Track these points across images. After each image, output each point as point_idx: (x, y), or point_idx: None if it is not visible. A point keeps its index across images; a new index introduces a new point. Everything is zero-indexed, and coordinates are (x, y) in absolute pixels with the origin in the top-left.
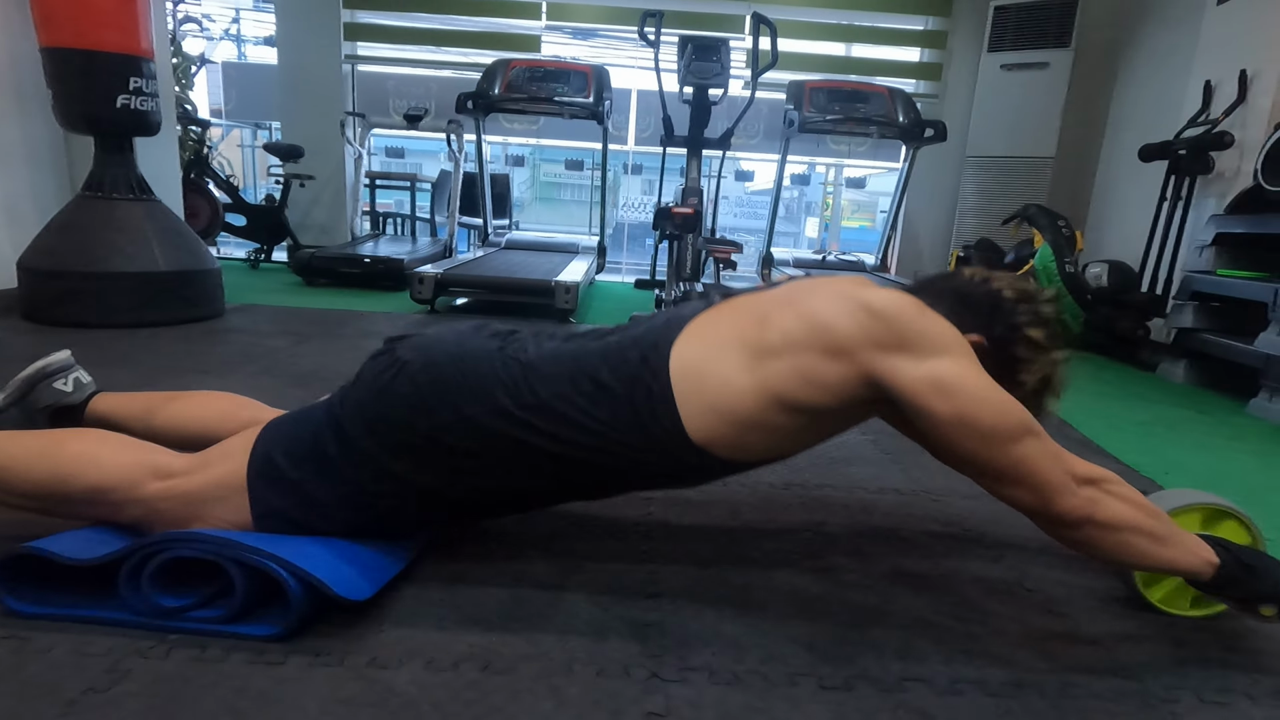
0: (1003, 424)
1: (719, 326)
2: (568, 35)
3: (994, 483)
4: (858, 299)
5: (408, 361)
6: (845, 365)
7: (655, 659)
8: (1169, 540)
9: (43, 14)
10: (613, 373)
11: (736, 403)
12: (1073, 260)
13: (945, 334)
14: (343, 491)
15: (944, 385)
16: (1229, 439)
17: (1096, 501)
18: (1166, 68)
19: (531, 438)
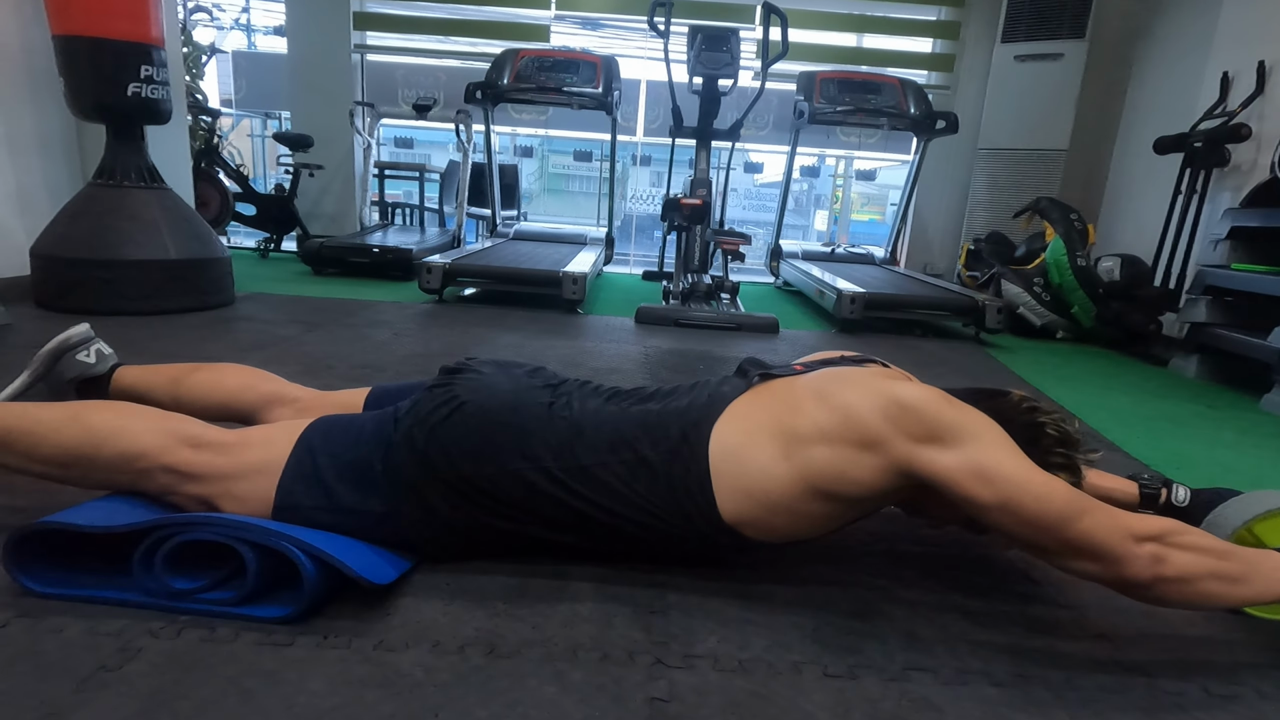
0: (1049, 507)
1: (756, 412)
2: (577, 25)
3: (1055, 559)
4: (887, 393)
5: (465, 403)
6: (878, 458)
7: (660, 645)
8: (1245, 578)
9: (55, 2)
10: (653, 447)
11: (772, 488)
12: (1085, 253)
13: (977, 421)
14: (375, 509)
15: (984, 472)
16: (1241, 435)
17: (1162, 559)
18: (1183, 59)
19: (570, 499)
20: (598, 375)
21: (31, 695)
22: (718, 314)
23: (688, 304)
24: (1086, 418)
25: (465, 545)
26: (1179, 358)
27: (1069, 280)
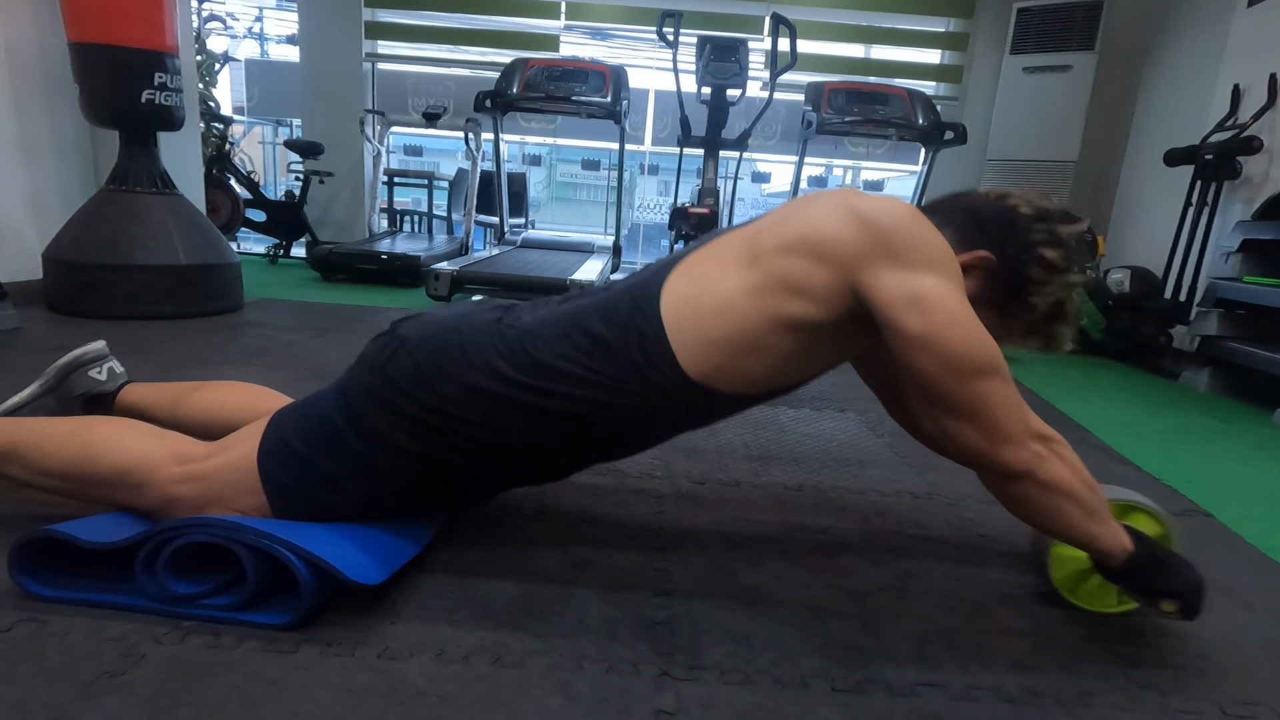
0: (970, 354)
1: (710, 257)
2: (586, 35)
3: (946, 415)
4: (852, 206)
5: (407, 338)
6: (833, 272)
7: (666, 657)
8: (1098, 516)
9: (72, 10)
10: (606, 324)
11: (730, 327)
12: (1094, 266)
13: (936, 250)
14: (354, 467)
15: (920, 300)
16: (1253, 449)
17: (1043, 459)
18: (1193, 71)
19: (533, 399)
20: None
21: (35, 700)
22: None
23: None
24: (1097, 430)
25: (450, 485)
26: (1190, 371)
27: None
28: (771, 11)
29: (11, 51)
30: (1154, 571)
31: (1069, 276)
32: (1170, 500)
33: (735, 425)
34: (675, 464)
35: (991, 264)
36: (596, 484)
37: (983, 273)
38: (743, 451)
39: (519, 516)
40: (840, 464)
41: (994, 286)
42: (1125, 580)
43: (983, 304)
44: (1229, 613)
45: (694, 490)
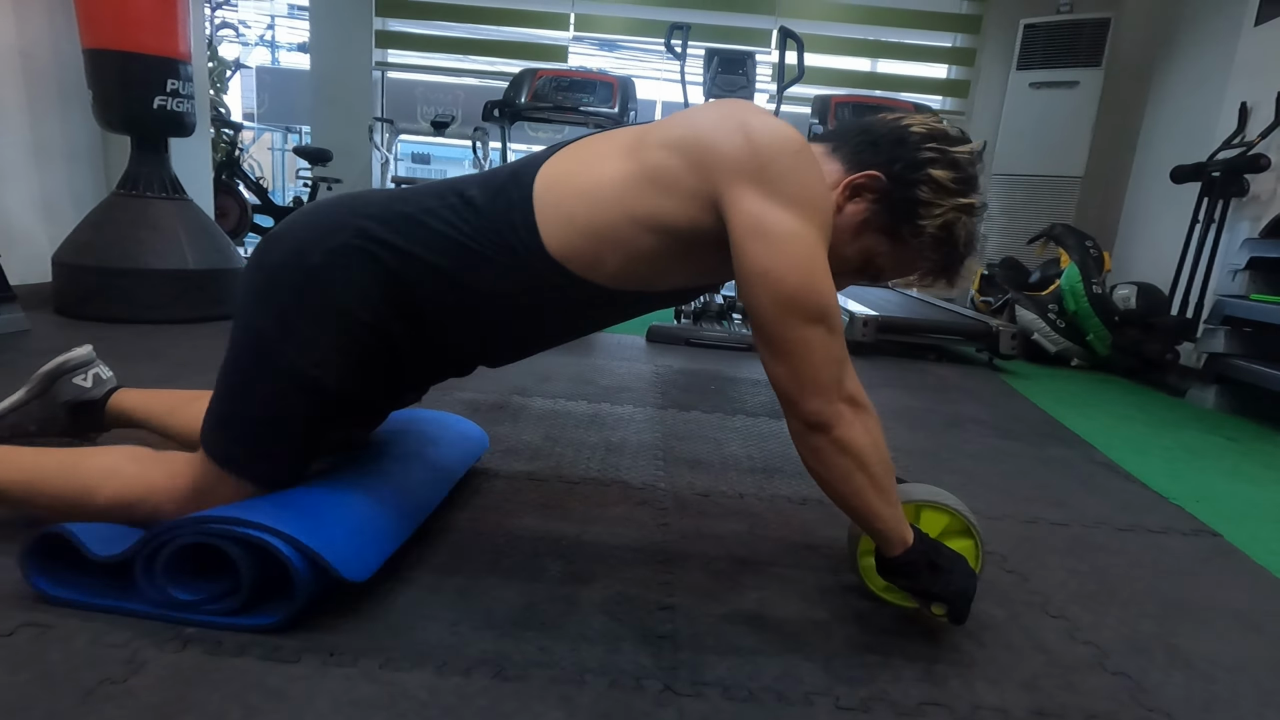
0: (804, 296)
1: (597, 141)
2: (594, 46)
3: (765, 349)
4: (743, 120)
5: (280, 228)
6: (701, 179)
7: (669, 672)
8: (886, 496)
9: (86, 17)
10: (481, 188)
11: (594, 212)
12: (1100, 281)
13: (809, 189)
14: (261, 391)
15: (769, 231)
16: (1261, 468)
17: (844, 419)
18: (1200, 88)
19: (396, 260)
20: (608, 394)
21: (35, 707)
22: (729, 334)
23: (699, 323)
24: (1103, 447)
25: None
26: (1197, 388)
27: (1084, 307)
28: (779, 25)
29: (26, 57)
30: (924, 572)
31: (959, 199)
32: (1177, 519)
33: (739, 438)
34: (679, 476)
35: (880, 183)
36: (601, 496)
37: (872, 194)
38: (747, 464)
39: (522, 526)
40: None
41: (884, 209)
42: (897, 577)
43: (874, 228)
44: (1239, 634)
45: (698, 502)
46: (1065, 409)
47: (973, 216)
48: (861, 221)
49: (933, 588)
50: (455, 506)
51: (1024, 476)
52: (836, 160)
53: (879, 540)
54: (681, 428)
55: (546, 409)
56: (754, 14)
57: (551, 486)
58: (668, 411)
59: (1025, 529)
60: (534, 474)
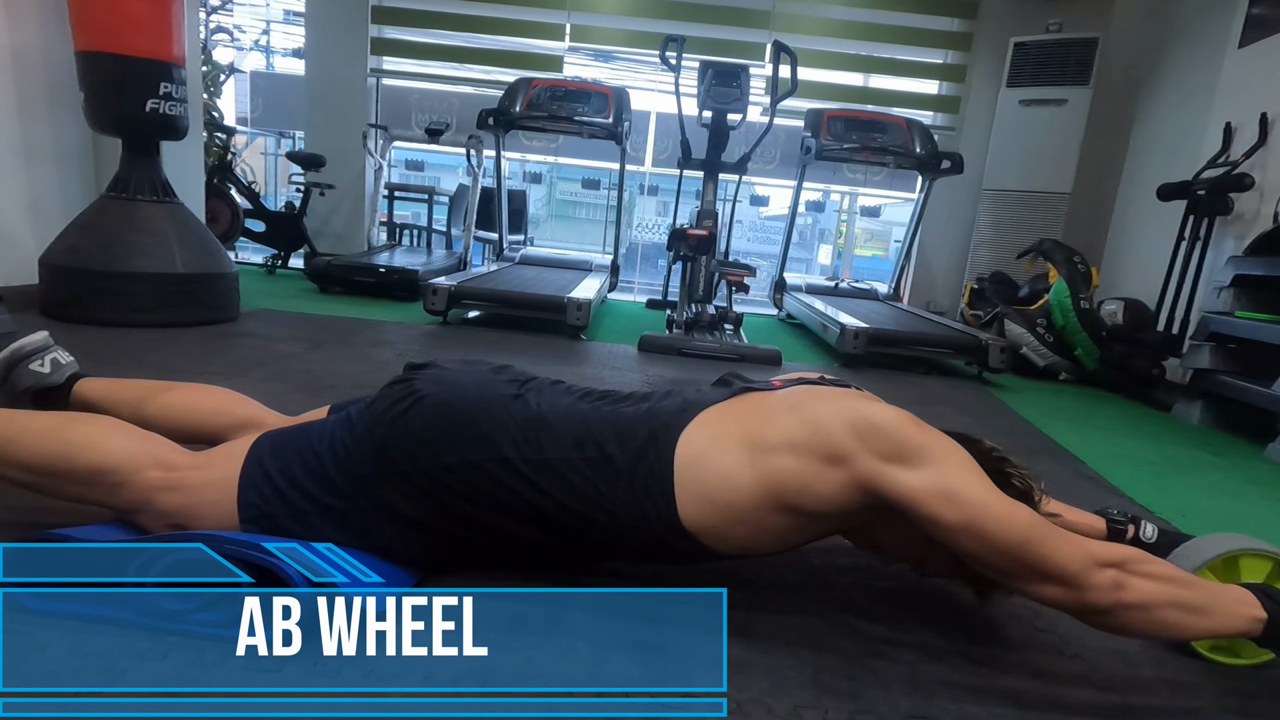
0: (1012, 531)
1: (727, 420)
2: (590, 57)
3: (1019, 581)
4: (858, 410)
5: (424, 396)
6: (843, 473)
7: (657, 683)
8: (1206, 609)
9: (80, 18)
10: (620, 446)
11: (734, 497)
12: (1088, 296)
13: (943, 444)
14: (331, 510)
15: (949, 492)
16: (1245, 483)
17: (1123, 585)
18: (1186, 108)
19: (530, 494)
20: None
21: (13, 716)
22: (721, 345)
23: (691, 334)
24: (1090, 461)
25: (419, 548)
26: (1182, 403)
27: (1072, 322)
28: (773, 39)
29: (18, 57)
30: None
31: None
32: None
33: None
34: None
35: None
36: None
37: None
38: None
39: None
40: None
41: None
42: (1269, 644)
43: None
44: None
45: None
46: (1053, 422)
47: None
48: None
49: None
50: None
51: None
52: None
53: (1236, 634)
54: None
55: None
56: (748, 28)
57: None
58: None
59: None
60: None
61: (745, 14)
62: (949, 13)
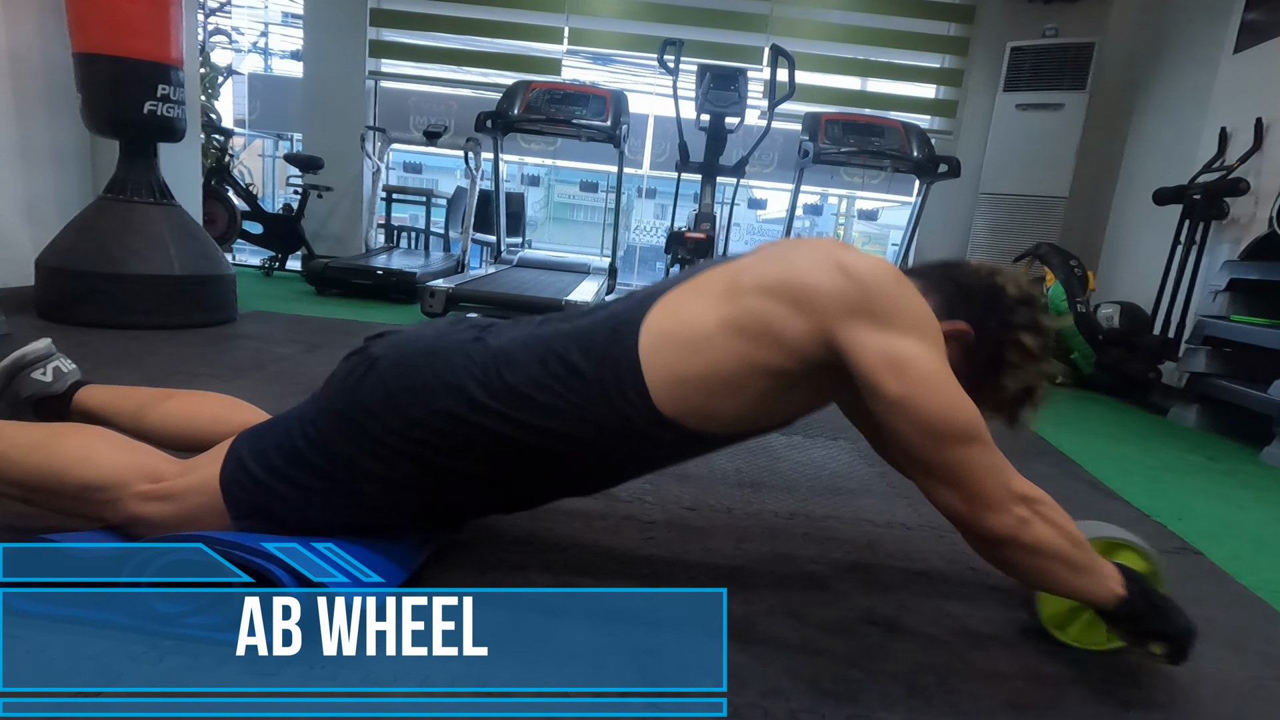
0: (949, 420)
1: (691, 292)
2: (588, 60)
3: (927, 480)
4: (837, 259)
5: (379, 358)
6: (809, 322)
7: (654, 687)
8: (1086, 570)
9: (78, 20)
10: (583, 353)
11: (703, 364)
12: (1084, 300)
13: (919, 313)
14: (316, 490)
15: (900, 363)
16: (1240, 487)
17: (1026, 523)
18: (1182, 113)
19: (502, 427)
20: None
21: None
22: None
23: None
24: (1086, 464)
25: (414, 511)
26: (1178, 407)
27: (1068, 326)
28: (771, 43)
29: (15, 58)
30: (1146, 615)
31: (1043, 365)
32: (1159, 537)
33: (727, 452)
34: (667, 490)
35: (970, 338)
36: (587, 509)
37: (959, 344)
38: (734, 478)
39: (508, 540)
40: (832, 493)
41: (968, 360)
42: (1122, 625)
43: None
44: (1219, 653)
45: (685, 517)
46: (1050, 426)
47: (1050, 382)
48: None
49: (1156, 628)
50: None
51: None
52: (928, 301)
53: (1094, 604)
54: None
55: None
56: (746, 32)
57: None
58: None
59: None
60: None
61: (743, 18)
62: (946, 18)
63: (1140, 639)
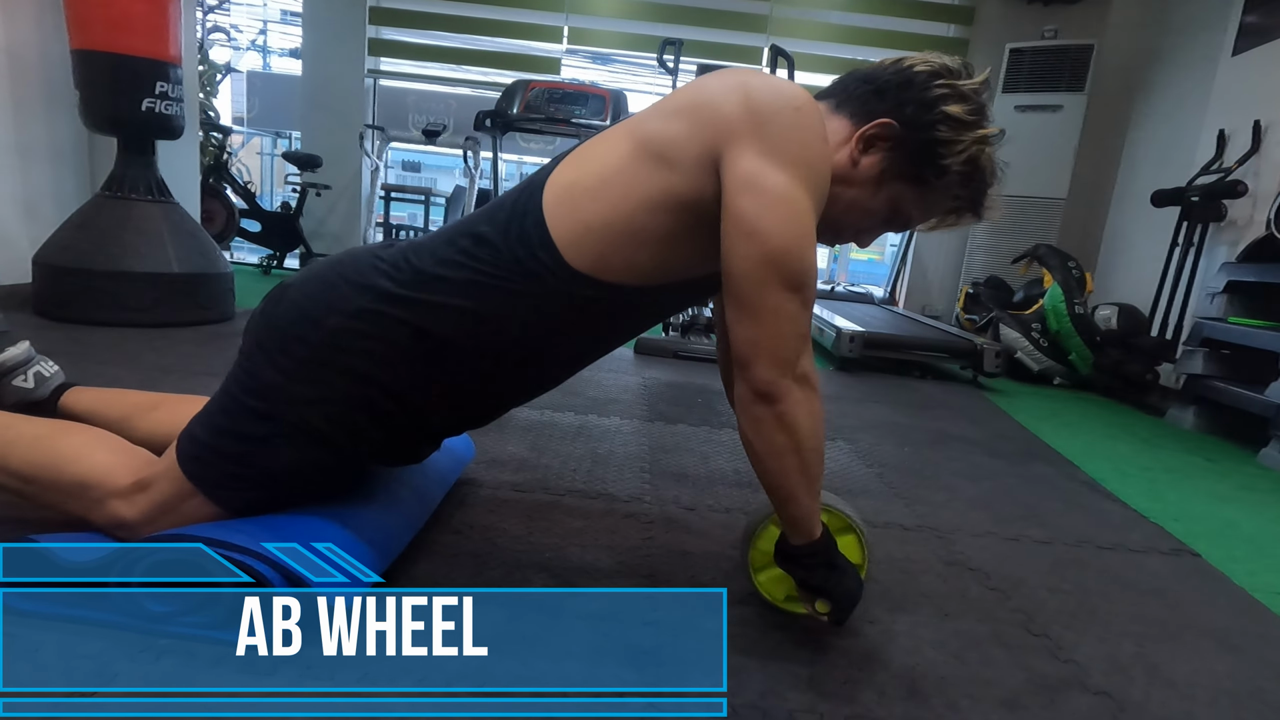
0: (784, 260)
1: (597, 142)
2: (588, 59)
3: (735, 308)
4: (744, 82)
5: (290, 284)
6: (703, 140)
7: (652, 686)
8: (811, 485)
9: (76, 17)
10: (490, 223)
11: (603, 208)
12: (1082, 302)
13: (807, 147)
14: (262, 435)
15: (761, 188)
16: (1238, 489)
17: (794, 395)
18: (1180, 115)
19: (421, 316)
20: (595, 405)
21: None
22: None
23: (687, 336)
24: (1084, 465)
25: (362, 433)
26: (1176, 408)
27: (1066, 327)
28: (771, 43)
29: (13, 56)
30: (821, 568)
31: (978, 130)
32: (1157, 538)
33: (726, 452)
34: (665, 489)
35: (894, 129)
36: (586, 508)
37: (888, 142)
38: (733, 478)
39: (507, 537)
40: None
41: (903, 155)
42: (794, 566)
43: (895, 176)
44: (1217, 655)
45: (683, 516)
46: (1048, 427)
47: (992, 145)
48: (881, 172)
49: (825, 584)
50: (439, 517)
51: (1007, 494)
52: (843, 116)
53: (789, 526)
54: (668, 441)
55: (533, 420)
56: (746, 32)
57: (536, 498)
58: (654, 424)
59: (1008, 547)
60: (519, 485)
61: (743, 18)
62: (945, 19)
63: (811, 591)
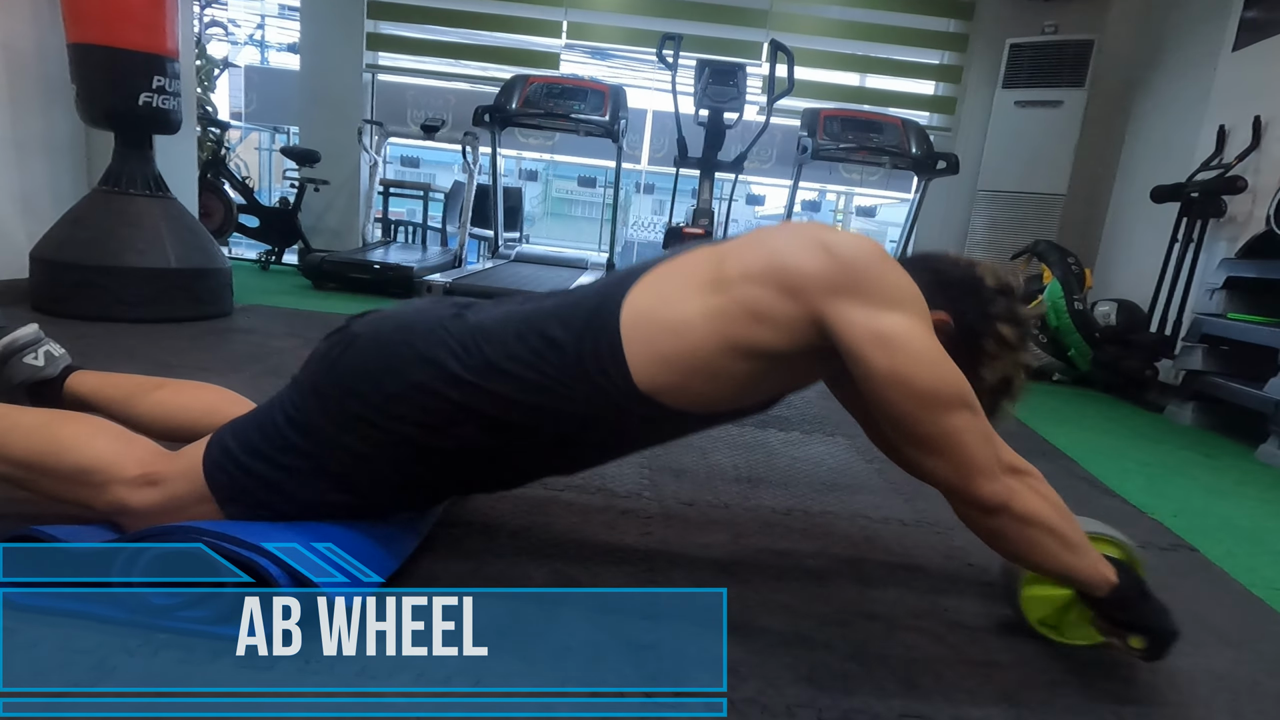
0: (938, 390)
1: (674, 272)
2: (587, 54)
3: (917, 451)
4: (821, 240)
5: (358, 335)
6: (797, 305)
7: (651, 682)
8: (1077, 548)
9: (73, 10)
10: (563, 327)
11: (683, 345)
12: (1081, 297)
13: (904, 289)
14: (300, 470)
15: (887, 338)
16: (1237, 484)
17: (1016, 492)
18: (1180, 110)
19: (480, 401)
20: None
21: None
22: None
23: None
24: (1083, 461)
25: (396, 490)
26: (1174, 404)
27: (1066, 323)
28: (770, 38)
29: (9, 50)
30: (1137, 604)
31: (1020, 355)
32: (1156, 534)
33: (725, 447)
34: (664, 485)
35: (949, 327)
36: (585, 503)
37: (941, 335)
38: (732, 474)
39: (505, 534)
40: (829, 489)
41: (949, 348)
42: (1105, 610)
43: None
44: (1215, 649)
45: (683, 512)
46: (1047, 423)
47: (1027, 373)
48: None
49: (1144, 620)
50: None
51: None
52: None
53: (1083, 588)
54: None
55: None
56: (745, 27)
57: (535, 494)
58: None
59: None
60: None
61: (742, 13)
62: (945, 14)
63: (1123, 630)
